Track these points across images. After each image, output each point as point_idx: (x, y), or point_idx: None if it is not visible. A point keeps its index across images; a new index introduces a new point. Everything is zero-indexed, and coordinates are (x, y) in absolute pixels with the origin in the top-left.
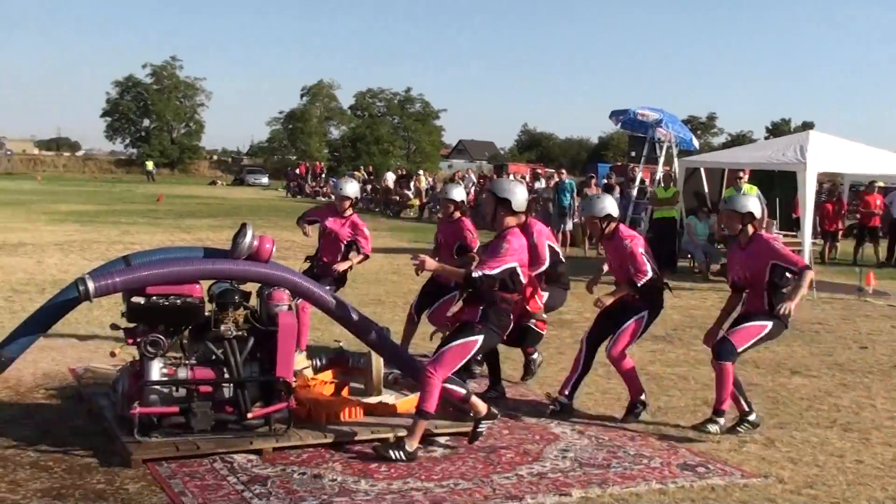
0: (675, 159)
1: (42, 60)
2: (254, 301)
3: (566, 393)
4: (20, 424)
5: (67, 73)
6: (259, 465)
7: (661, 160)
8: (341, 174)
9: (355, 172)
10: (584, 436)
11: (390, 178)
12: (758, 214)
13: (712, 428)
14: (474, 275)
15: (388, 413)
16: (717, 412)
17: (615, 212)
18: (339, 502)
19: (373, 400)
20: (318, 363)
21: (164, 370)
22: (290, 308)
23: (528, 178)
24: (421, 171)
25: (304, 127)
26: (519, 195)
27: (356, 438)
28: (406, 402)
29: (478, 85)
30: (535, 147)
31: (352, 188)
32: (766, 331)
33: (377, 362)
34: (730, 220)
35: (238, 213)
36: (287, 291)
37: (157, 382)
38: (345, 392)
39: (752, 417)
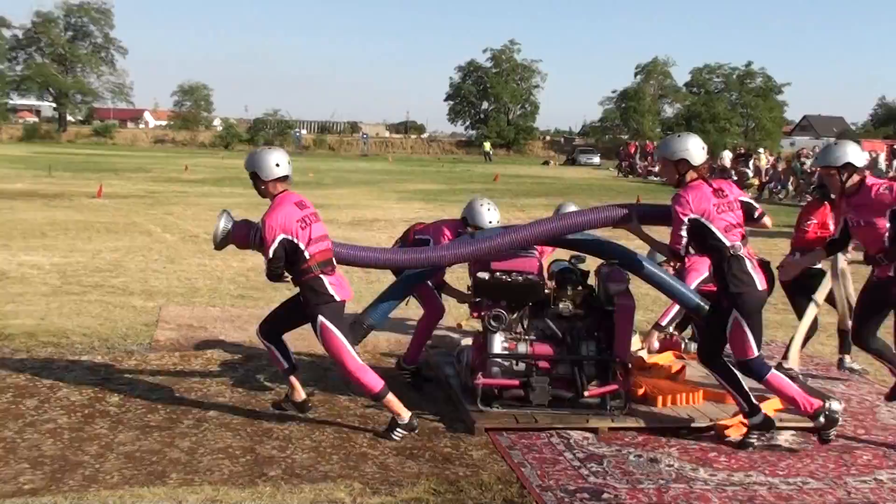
0: None
1: (393, 51)
2: (592, 280)
3: None
4: None
5: (416, 61)
6: (595, 443)
7: None
8: None
9: None
10: None
11: (727, 156)
12: None
13: None
14: None
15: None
16: None
17: (859, 160)
18: (676, 488)
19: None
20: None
21: (506, 344)
22: (628, 289)
23: (884, 156)
24: (761, 150)
25: (637, 106)
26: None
27: (693, 425)
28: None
29: (827, 55)
30: (893, 121)
31: None
32: None
33: None
34: None
35: (570, 192)
36: (627, 272)
37: (499, 356)
38: (682, 376)
39: None
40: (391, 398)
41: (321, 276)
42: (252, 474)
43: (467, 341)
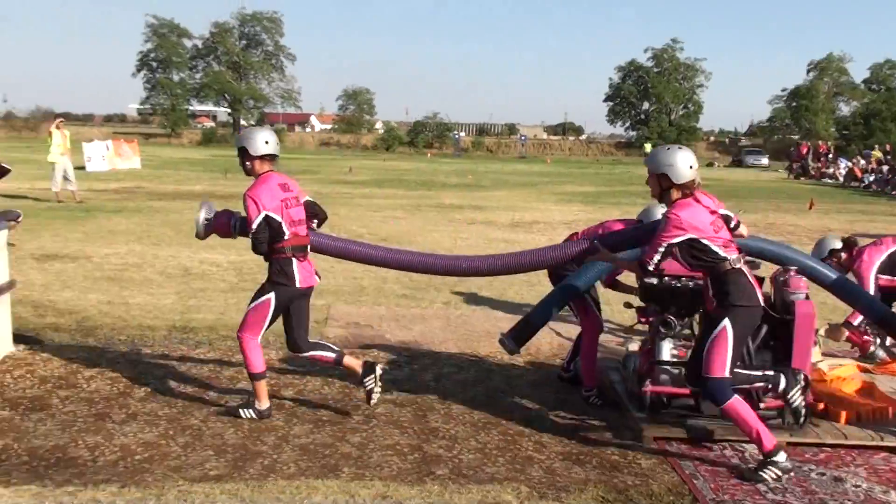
0: None
1: (551, 52)
2: (767, 287)
3: None
4: (541, 389)
5: (574, 62)
6: None
7: None
8: (851, 154)
9: (872, 153)
10: None
11: None
12: None
13: None
14: None
15: None
16: None
17: None
18: None
19: None
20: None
21: (675, 351)
22: (807, 297)
23: None
24: None
25: (810, 104)
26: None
27: (881, 444)
28: None
29: None
30: None
31: None
32: None
33: None
34: None
35: (737, 194)
36: (804, 279)
37: (668, 363)
38: (873, 391)
39: None
40: (262, 385)
41: (292, 258)
42: (420, 472)
43: (633, 346)
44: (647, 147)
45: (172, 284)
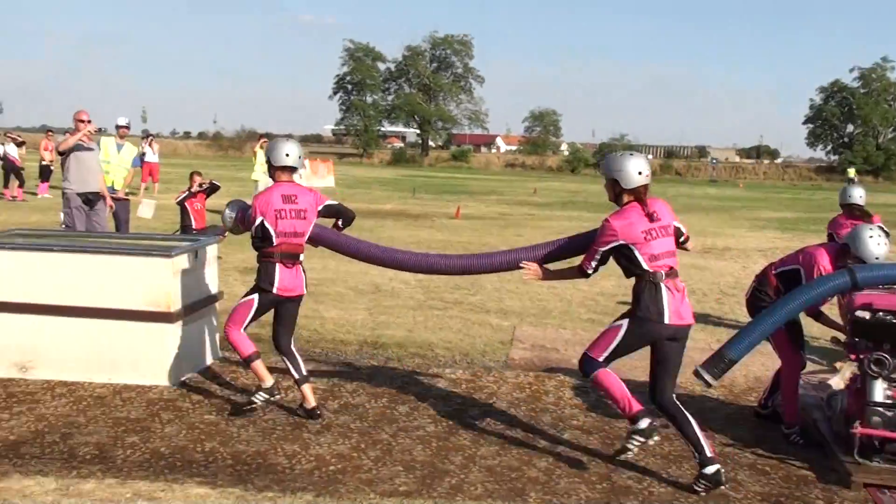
0: None
1: (744, 71)
2: None
3: None
4: (738, 425)
5: (770, 82)
6: None
7: None
8: None
9: None
10: None
11: None
12: None
13: None
14: None
15: None
16: None
17: None
18: None
19: None
20: None
21: (889, 392)
22: None
23: None
24: None
25: None
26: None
27: None
28: None
29: None
30: None
31: None
32: None
33: None
34: None
35: None
36: None
37: (881, 404)
38: None
39: None
40: (257, 365)
41: (278, 263)
42: (609, 503)
43: (835, 383)
44: (851, 172)
45: (363, 300)
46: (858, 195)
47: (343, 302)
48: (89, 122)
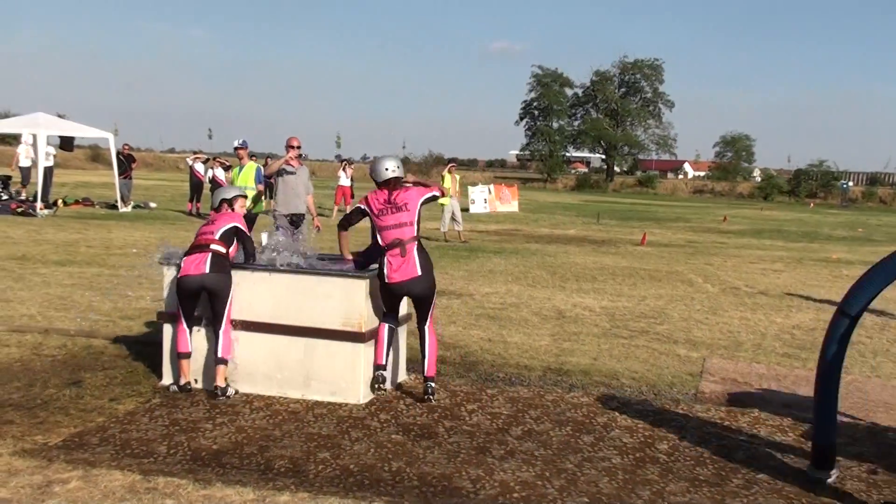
0: None
1: None
2: None
3: None
4: None
5: None
6: None
7: None
8: None
9: None
10: None
11: None
12: None
13: None
14: None
15: None
16: None
17: None
18: None
19: None
20: None
21: None
22: None
23: None
24: None
25: None
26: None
27: None
28: None
29: None
30: None
31: None
32: None
33: None
34: None
35: None
36: None
37: None
38: None
39: None
40: (182, 364)
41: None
42: None
43: None
44: None
45: (548, 326)
46: None
47: (527, 327)
48: (298, 147)
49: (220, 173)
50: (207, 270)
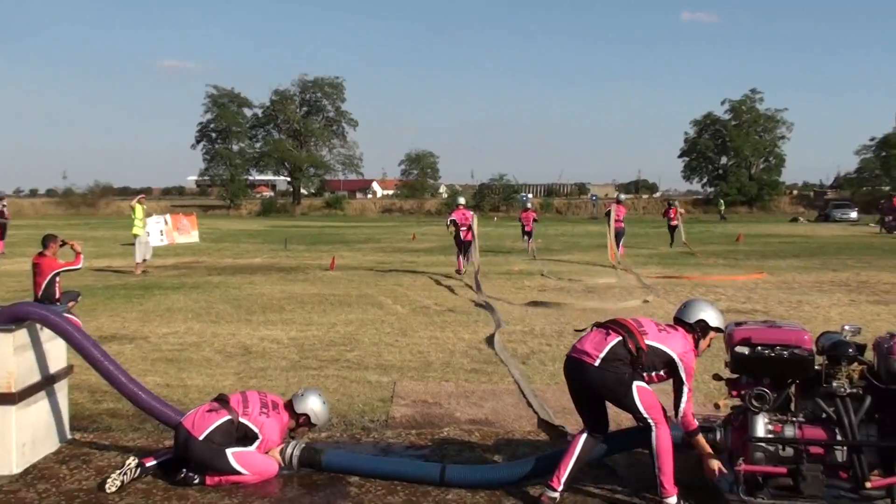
0: None
1: (622, 109)
2: (869, 354)
3: None
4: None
5: (647, 117)
6: None
7: None
8: None
9: None
10: None
11: None
12: None
13: None
14: None
15: None
16: None
17: None
18: None
19: None
20: None
21: (770, 426)
22: None
23: None
24: None
25: None
26: None
27: None
28: None
29: None
30: None
31: None
32: None
33: None
34: None
35: (825, 252)
36: None
37: (763, 439)
38: None
39: None
40: None
41: None
42: None
43: None
44: (722, 206)
45: (232, 364)
46: None
47: (209, 367)
48: None
49: None
50: None
